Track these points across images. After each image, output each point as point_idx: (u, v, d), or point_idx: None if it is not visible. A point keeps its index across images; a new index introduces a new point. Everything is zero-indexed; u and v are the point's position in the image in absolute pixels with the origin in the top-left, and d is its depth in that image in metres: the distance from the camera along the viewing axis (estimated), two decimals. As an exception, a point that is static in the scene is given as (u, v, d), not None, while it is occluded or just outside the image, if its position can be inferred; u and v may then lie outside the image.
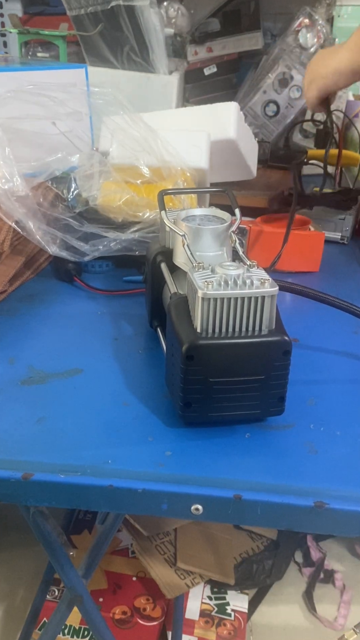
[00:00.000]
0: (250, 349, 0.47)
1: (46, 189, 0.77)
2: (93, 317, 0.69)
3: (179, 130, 0.89)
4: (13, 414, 0.52)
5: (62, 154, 0.80)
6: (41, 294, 0.74)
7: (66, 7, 1.18)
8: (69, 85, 0.85)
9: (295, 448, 0.49)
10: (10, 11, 1.40)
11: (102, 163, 0.79)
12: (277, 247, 0.75)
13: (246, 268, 0.49)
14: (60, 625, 0.89)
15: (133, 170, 0.77)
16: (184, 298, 0.51)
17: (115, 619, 1.20)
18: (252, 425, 0.51)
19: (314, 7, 1.35)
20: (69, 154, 0.80)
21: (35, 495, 0.46)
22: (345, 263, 0.86)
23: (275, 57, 1.30)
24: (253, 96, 1.28)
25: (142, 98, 1.20)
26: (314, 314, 0.71)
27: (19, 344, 0.63)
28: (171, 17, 1.27)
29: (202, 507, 0.44)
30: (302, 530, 0.46)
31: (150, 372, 0.59)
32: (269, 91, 1.28)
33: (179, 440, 0.49)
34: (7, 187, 0.69)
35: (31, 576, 1.35)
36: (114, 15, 1.15)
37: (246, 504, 0.44)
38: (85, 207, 0.76)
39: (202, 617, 1.24)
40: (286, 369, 0.49)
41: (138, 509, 0.46)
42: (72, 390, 0.55)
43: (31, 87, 0.80)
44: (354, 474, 0.47)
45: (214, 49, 1.34)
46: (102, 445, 0.49)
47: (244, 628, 1.23)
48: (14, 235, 0.72)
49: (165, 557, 1.30)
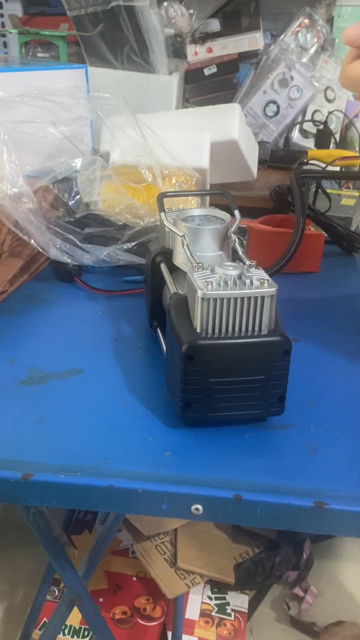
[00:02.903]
0: (250, 349, 0.47)
1: (46, 191, 0.77)
2: (93, 317, 0.69)
3: (179, 130, 0.89)
4: (13, 414, 0.52)
5: (65, 158, 0.80)
6: (41, 294, 0.74)
7: (66, 8, 1.18)
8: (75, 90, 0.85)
9: (295, 448, 0.49)
10: (10, 11, 1.41)
11: (104, 168, 0.79)
12: (277, 247, 0.75)
13: (246, 268, 0.49)
14: (60, 625, 0.89)
15: (134, 173, 0.77)
16: (184, 298, 0.51)
17: (115, 619, 1.20)
18: (252, 425, 0.51)
19: (314, 7, 1.35)
20: (71, 158, 0.81)
21: (35, 495, 0.46)
22: (346, 263, 0.86)
23: (275, 57, 1.30)
24: (253, 96, 1.28)
25: (142, 98, 1.20)
26: (314, 314, 0.71)
27: (19, 344, 0.63)
28: (171, 17, 1.28)
29: (202, 507, 0.44)
30: (302, 531, 0.46)
31: (150, 372, 0.59)
32: (269, 91, 1.28)
33: (179, 441, 0.49)
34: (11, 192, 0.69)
35: (31, 576, 1.35)
36: (114, 15, 1.15)
37: (246, 504, 0.44)
38: (86, 212, 0.76)
39: (202, 617, 1.24)
40: (286, 369, 0.49)
41: (138, 509, 0.46)
42: (72, 390, 0.56)
43: (37, 92, 0.81)
44: (354, 474, 0.47)
45: (214, 49, 1.34)
46: (102, 445, 0.49)
47: (244, 628, 1.23)
48: (14, 236, 0.72)
49: (165, 557, 1.30)
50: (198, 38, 1.33)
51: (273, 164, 1.19)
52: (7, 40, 1.46)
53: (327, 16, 1.36)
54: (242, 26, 1.35)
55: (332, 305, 0.73)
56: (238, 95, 1.35)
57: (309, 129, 1.35)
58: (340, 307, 0.73)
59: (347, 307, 0.73)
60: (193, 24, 1.32)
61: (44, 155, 0.82)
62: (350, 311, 0.72)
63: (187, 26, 1.31)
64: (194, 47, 1.33)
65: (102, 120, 0.85)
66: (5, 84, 0.90)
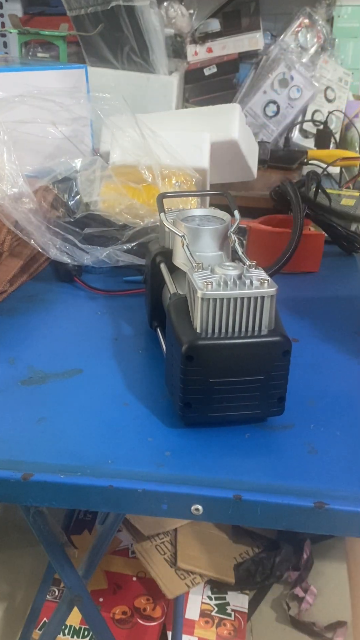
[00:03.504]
0: (250, 349, 0.47)
1: (46, 191, 0.77)
2: (93, 317, 0.69)
3: (179, 130, 0.89)
4: (13, 414, 0.52)
5: (65, 158, 0.80)
6: (41, 294, 0.74)
7: (66, 8, 1.18)
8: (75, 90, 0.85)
9: (295, 448, 0.49)
10: (10, 11, 1.41)
11: (104, 168, 0.79)
12: (278, 247, 0.75)
13: (245, 268, 0.49)
14: (60, 625, 0.89)
15: (134, 174, 0.77)
16: (184, 298, 0.51)
17: (115, 619, 1.20)
18: (252, 425, 0.51)
19: (314, 8, 1.35)
20: (71, 158, 0.81)
21: (35, 495, 0.46)
22: (346, 263, 0.86)
23: (275, 57, 1.30)
24: (253, 96, 1.28)
25: (142, 98, 1.20)
26: (314, 314, 0.71)
27: (19, 344, 0.63)
28: (171, 17, 1.28)
29: (202, 508, 0.44)
30: (302, 531, 0.46)
31: (150, 372, 0.59)
32: (269, 91, 1.28)
33: (179, 441, 0.49)
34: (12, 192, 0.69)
35: (31, 576, 1.35)
36: (114, 15, 1.15)
37: (246, 504, 0.44)
38: (86, 212, 0.76)
39: (202, 617, 1.24)
40: (286, 369, 0.49)
41: (138, 509, 0.46)
42: (72, 390, 0.56)
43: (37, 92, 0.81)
44: (354, 474, 0.47)
45: (214, 49, 1.34)
46: (102, 445, 0.49)
47: (244, 628, 1.23)
48: (14, 236, 0.72)
49: (165, 557, 1.30)
50: (198, 38, 1.33)
51: (273, 164, 1.19)
52: (7, 40, 1.46)
53: (327, 16, 1.36)
54: (242, 26, 1.35)
55: (332, 305, 0.73)
56: (238, 95, 1.35)
57: (309, 129, 1.35)
58: (340, 307, 0.73)
59: (347, 307, 0.73)
60: (193, 24, 1.32)
61: (44, 155, 0.82)
62: (350, 311, 0.72)
63: (187, 26, 1.31)
64: (194, 47, 1.33)
65: (102, 120, 0.85)
66: (5, 84, 0.90)
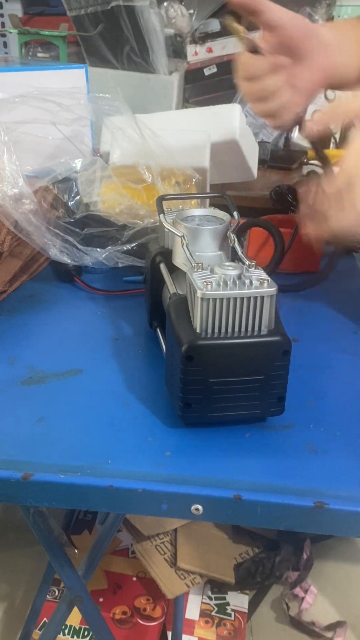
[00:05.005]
0: (249, 349, 0.47)
1: (46, 191, 0.77)
2: (93, 317, 0.69)
3: (179, 130, 0.89)
4: (13, 414, 0.52)
5: (65, 158, 0.80)
6: (41, 294, 0.74)
7: (66, 8, 1.18)
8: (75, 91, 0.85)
9: (295, 448, 0.49)
10: (10, 11, 1.41)
11: (104, 168, 0.79)
12: (277, 247, 0.75)
13: (245, 268, 0.49)
14: (60, 625, 0.89)
15: (134, 174, 0.77)
16: (184, 298, 0.51)
17: (115, 619, 1.20)
18: (252, 425, 0.51)
19: (314, 8, 1.35)
20: (71, 159, 0.81)
21: (35, 495, 0.46)
22: (346, 263, 0.86)
23: (275, 57, 1.29)
24: (253, 96, 1.28)
25: (142, 98, 1.20)
26: (314, 314, 0.71)
27: (19, 344, 0.63)
28: (171, 17, 1.28)
29: (202, 507, 0.44)
30: (302, 531, 0.46)
31: (150, 372, 0.59)
32: (269, 91, 1.27)
33: (179, 441, 0.49)
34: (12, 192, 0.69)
35: (31, 576, 1.35)
36: (114, 15, 1.15)
37: (246, 504, 0.44)
38: (86, 212, 0.76)
39: (202, 617, 1.24)
40: (286, 369, 0.49)
41: (138, 509, 0.46)
42: (72, 390, 0.56)
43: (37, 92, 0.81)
44: (354, 474, 0.47)
45: (214, 49, 1.34)
46: (102, 445, 0.49)
47: (244, 628, 1.23)
48: (14, 236, 0.72)
49: (165, 557, 1.30)
50: (198, 38, 1.33)
51: (273, 164, 1.19)
52: (7, 40, 1.46)
53: (327, 16, 1.36)
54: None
55: (332, 305, 0.73)
56: (238, 95, 1.35)
57: (309, 129, 1.34)
58: (340, 307, 0.73)
59: (347, 307, 0.73)
60: (193, 24, 1.32)
61: (44, 155, 0.82)
62: (350, 311, 0.72)
63: (187, 26, 1.31)
64: (194, 47, 1.33)
65: (102, 121, 0.85)
66: (6, 84, 0.90)
